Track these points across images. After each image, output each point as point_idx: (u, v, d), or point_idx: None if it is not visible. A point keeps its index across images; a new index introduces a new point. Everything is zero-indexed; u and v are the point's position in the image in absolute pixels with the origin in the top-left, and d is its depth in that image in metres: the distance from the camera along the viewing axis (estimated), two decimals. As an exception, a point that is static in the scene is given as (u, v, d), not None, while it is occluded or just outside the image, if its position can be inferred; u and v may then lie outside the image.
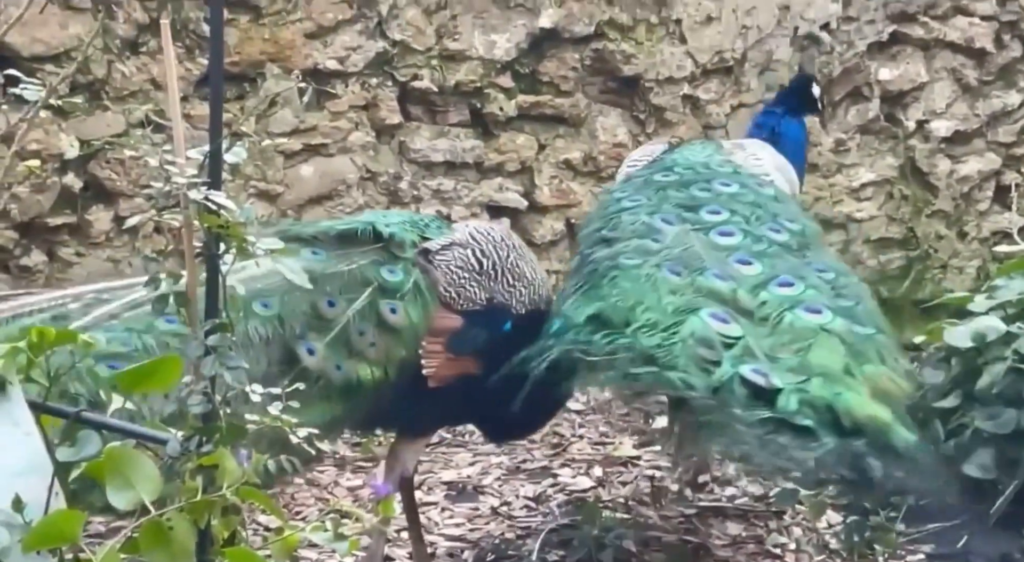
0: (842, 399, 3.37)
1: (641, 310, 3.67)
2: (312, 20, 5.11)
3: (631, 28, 5.52)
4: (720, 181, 4.18)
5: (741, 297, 3.66)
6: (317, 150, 5.18)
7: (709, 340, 3.52)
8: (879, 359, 3.52)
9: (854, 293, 3.72)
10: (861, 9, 5.83)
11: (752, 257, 3.83)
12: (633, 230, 4.02)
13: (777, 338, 3.55)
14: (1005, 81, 6.07)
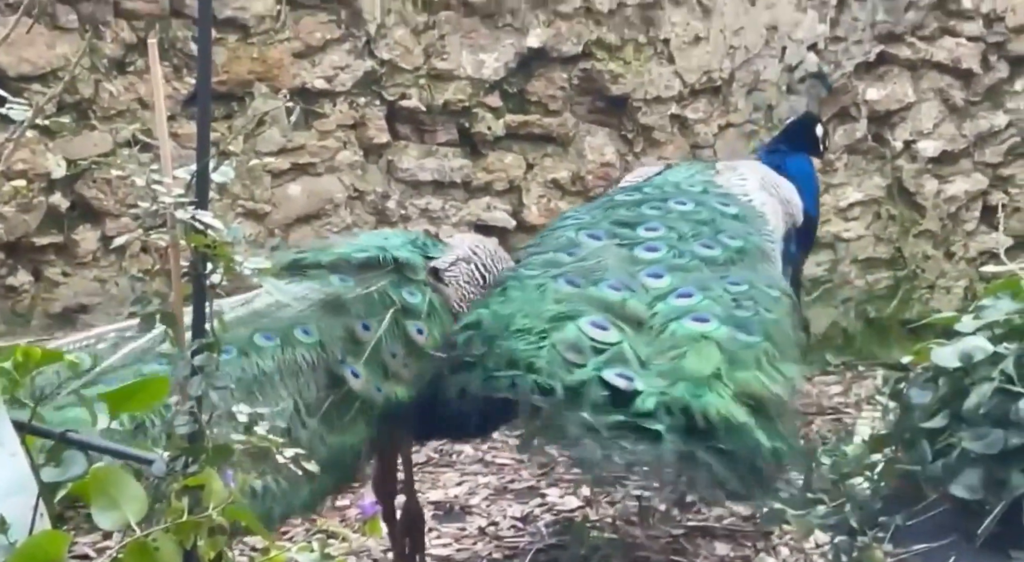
0: (701, 401, 3.48)
1: (520, 317, 3.77)
2: (300, 40, 5.11)
3: (619, 48, 5.53)
4: (677, 200, 4.29)
5: (631, 306, 3.78)
6: (305, 169, 5.17)
7: (578, 345, 3.64)
8: (756, 366, 3.62)
9: (759, 305, 3.82)
10: (849, 29, 5.85)
11: (665, 271, 3.95)
12: (555, 244, 4.15)
13: (658, 345, 3.68)
14: (992, 102, 6.09)
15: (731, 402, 3.53)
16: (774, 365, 3.65)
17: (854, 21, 5.85)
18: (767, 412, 3.56)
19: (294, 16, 5.10)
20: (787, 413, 3.59)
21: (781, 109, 5.76)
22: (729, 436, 3.48)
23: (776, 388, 3.56)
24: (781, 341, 3.74)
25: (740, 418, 3.48)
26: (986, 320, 3.02)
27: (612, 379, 3.56)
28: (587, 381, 3.56)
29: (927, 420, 2.96)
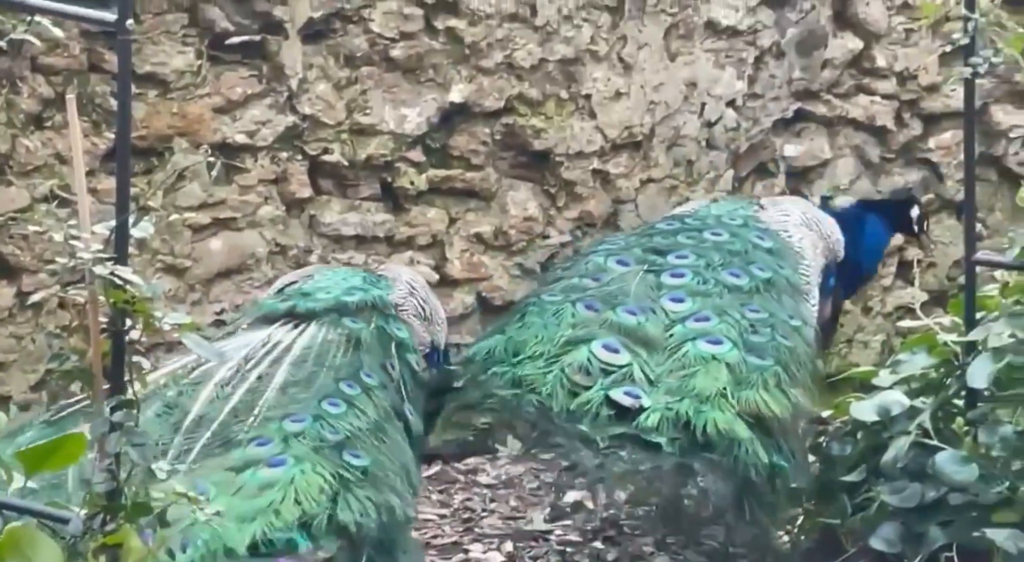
0: (703, 416, 3.66)
1: (533, 342, 3.97)
2: (221, 94, 5.10)
3: (541, 103, 5.57)
4: (714, 231, 4.46)
5: (646, 330, 3.96)
6: (226, 224, 5.15)
7: (587, 367, 3.83)
8: (763, 387, 3.79)
9: (776, 332, 3.99)
10: (766, 87, 5.94)
11: (687, 295, 4.13)
12: (582, 270, 4.36)
13: (670, 365, 3.87)
14: (905, 159, 6.19)
15: (733, 418, 3.71)
16: (782, 388, 3.79)
17: (771, 78, 5.94)
18: (769, 430, 3.71)
19: (215, 71, 5.09)
20: (790, 433, 3.72)
21: (701, 164, 5.82)
22: (728, 450, 3.65)
23: (779, 409, 3.68)
24: (793, 367, 3.89)
25: (741, 434, 3.65)
26: (903, 374, 3.06)
27: (618, 397, 3.75)
28: (592, 400, 3.75)
29: (846, 474, 3.00)
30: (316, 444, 3.63)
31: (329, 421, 3.71)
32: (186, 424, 3.66)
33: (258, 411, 3.69)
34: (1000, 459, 2.81)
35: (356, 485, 3.56)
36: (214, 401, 3.74)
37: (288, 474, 3.53)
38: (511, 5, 5.47)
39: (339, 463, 3.60)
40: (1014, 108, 6.28)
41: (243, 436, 3.64)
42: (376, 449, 3.68)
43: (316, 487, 3.50)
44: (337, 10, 5.23)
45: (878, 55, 6.05)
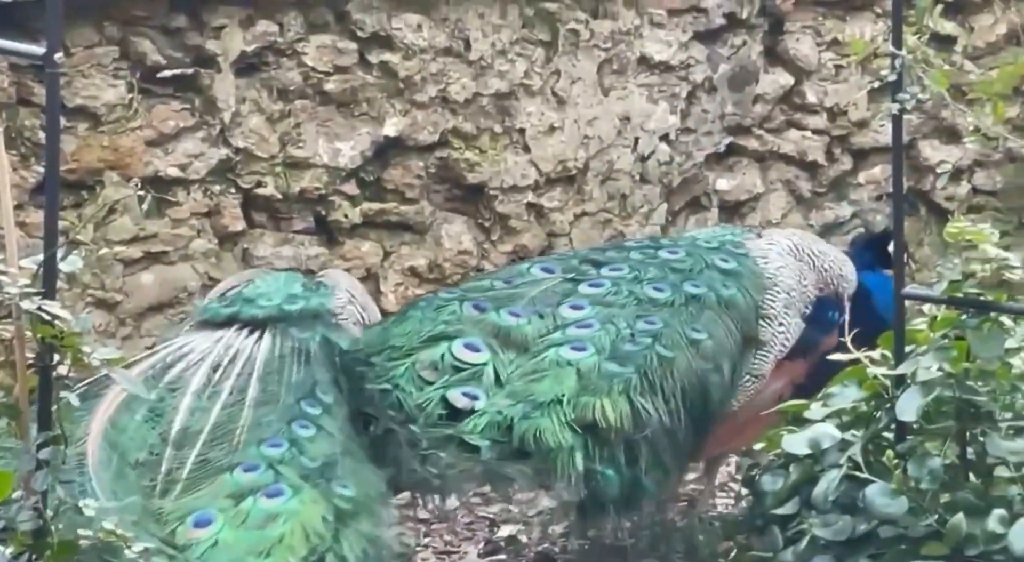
0: (528, 422, 3.75)
1: (400, 336, 4.02)
2: (153, 127, 5.07)
3: (475, 137, 5.58)
4: (671, 249, 4.46)
5: (521, 332, 4.02)
6: (158, 258, 5.11)
7: (436, 363, 3.89)
8: (606, 393, 3.86)
9: (660, 343, 4.03)
10: (699, 121, 5.98)
11: (590, 304, 4.16)
12: (503, 274, 4.44)
13: (527, 368, 3.93)
14: (836, 193, 6.26)
15: (560, 426, 3.76)
16: (629, 396, 3.80)
17: (704, 113, 5.99)
18: (604, 439, 3.76)
19: (146, 104, 5.06)
20: (640, 444, 3.74)
21: (635, 198, 5.85)
22: (547, 458, 3.70)
23: (613, 416, 3.72)
24: (660, 376, 3.91)
25: (562, 442, 3.71)
26: (834, 407, 3.08)
27: (453, 397, 3.80)
28: (429, 398, 3.81)
29: (778, 507, 3.01)
30: (300, 471, 3.57)
31: (303, 445, 3.66)
32: (172, 436, 3.59)
33: (240, 432, 3.63)
34: (929, 492, 2.83)
35: (351, 518, 3.51)
36: (194, 413, 3.67)
37: (290, 505, 3.46)
38: (445, 39, 5.48)
39: (331, 493, 3.54)
40: (941, 143, 6.37)
41: (226, 460, 3.57)
42: (354, 476, 3.63)
43: (319, 519, 3.43)
44: (270, 44, 5.22)
45: (808, 91, 6.12)
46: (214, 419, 3.66)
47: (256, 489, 3.48)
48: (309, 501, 3.47)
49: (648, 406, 3.89)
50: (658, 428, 3.92)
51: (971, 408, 2.92)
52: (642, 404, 3.89)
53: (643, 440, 3.86)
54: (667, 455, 3.95)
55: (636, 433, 3.84)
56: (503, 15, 5.57)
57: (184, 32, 5.11)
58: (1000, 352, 2.93)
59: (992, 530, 2.67)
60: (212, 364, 3.84)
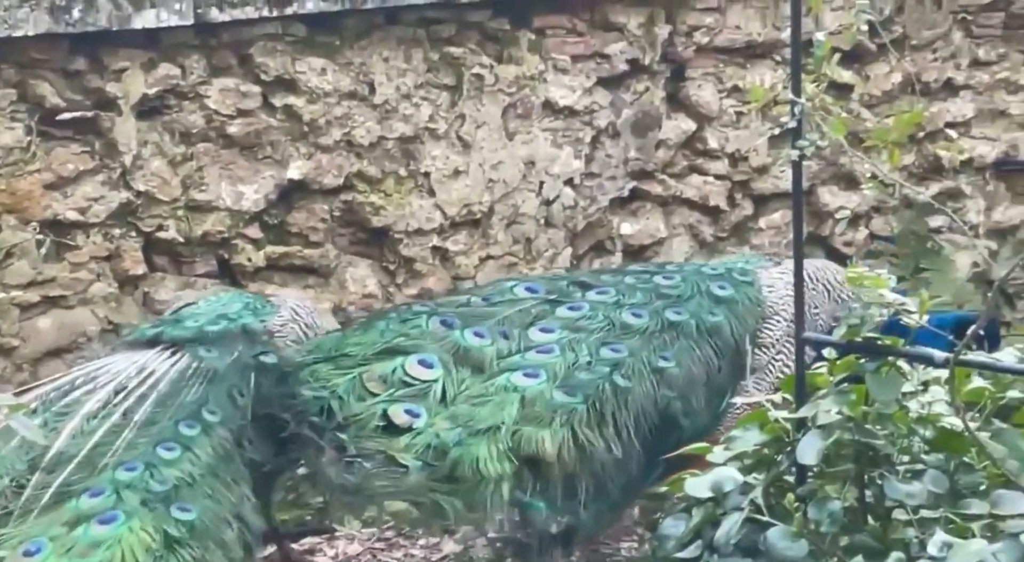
0: (460, 448, 3.73)
1: (355, 345, 4.03)
2: (52, 171, 5.00)
3: (380, 180, 5.58)
4: (666, 275, 4.46)
5: (482, 353, 4.01)
6: (56, 302, 5.03)
7: (385, 377, 3.88)
8: (548, 424, 3.84)
9: (618, 372, 4.02)
10: (603, 166, 6.03)
11: (560, 328, 4.14)
12: (486, 291, 4.44)
13: (474, 391, 3.91)
14: (738, 238, 6.33)
15: (494, 455, 3.73)
16: (576, 427, 3.78)
17: (608, 158, 6.03)
18: (541, 471, 3.74)
19: (45, 147, 5.00)
20: (580, 475, 3.71)
21: (540, 242, 5.87)
22: (475, 487, 3.68)
23: (551, 447, 3.69)
24: (613, 407, 3.89)
25: (494, 472, 3.67)
26: (736, 451, 3.10)
27: (394, 412, 3.79)
28: (371, 410, 3.79)
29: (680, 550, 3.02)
30: (144, 495, 3.57)
31: (160, 469, 3.65)
32: (45, 461, 3.59)
33: (110, 455, 3.65)
34: (828, 535, 2.86)
35: (181, 544, 3.49)
36: (78, 437, 3.69)
37: (117, 532, 3.46)
38: (349, 83, 5.48)
39: (166, 517, 3.52)
40: (839, 190, 6.48)
41: (79, 485, 3.56)
42: (208, 498, 3.63)
43: (143, 547, 3.42)
44: (172, 87, 5.18)
45: (710, 137, 6.19)
46: (94, 442, 3.65)
47: (93, 515, 3.50)
48: (138, 528, 3.47)
49: (594, 438, 3.87)
50: (606, 460, 3.90)
51: (869, 451, 2.95)
52: (587, 436, 3.86)
53: (587, 472, 3.84)
54: (615, 487, 3.94)
55: (579, 466, 3.82)
56: (408, 59, 5.58)
57: (84, 75, 5.06)
58: (897, 396, 2.97)
59: (891, 573, 2.70)
60: (117, 386, 3.86)
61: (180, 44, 5.20)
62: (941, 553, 2.62)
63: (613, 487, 3.97)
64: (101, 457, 3.66)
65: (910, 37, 6.55)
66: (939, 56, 6.64)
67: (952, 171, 6.63)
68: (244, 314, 4.19)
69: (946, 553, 2.62)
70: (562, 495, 3.80)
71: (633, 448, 3.96)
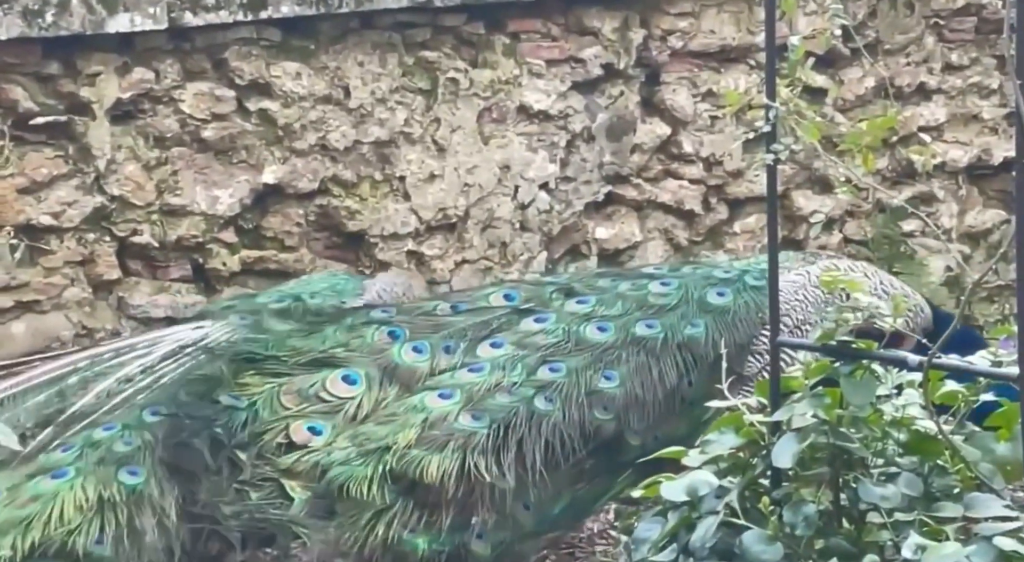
0: (342, 469, 3.70)
1: (293, 346, 4.01)
2: (25, 175, 4.99)
3: (355, 185, 5.57)
4: (665, 281, 4.38)
5: (411, 369, 3.98)
6: (29, 307, 5.01)
7: (302, 391, 3.86)
8: (440, 449, 3.78)
9: (543, 394, 3.96)
10: (578, 170, 6.03)
11: (509, 343, 4.07)
12: (460, 297, 4.42)
13: (388, 410, 3.88)
14: (713, 242, 6.34)
15: (375, 478, 3.67)
16: (468, 453, 3.70)
17: (583, 162, 6.04)
18: (424, 498, 3.64)
19: (18, 152, 4.98)
20: (458, 503, 3.63)
21: (515, 246, 5.88)
22: (350, 508, 3.62)
23: (437, 474, 3.62)
24: (520, 435, 3.81)
25: (370, 497, 3.64)
26: (711, 454, 3.10)
27: (294, 428, 3.75)
28: (272, 426, 3.76)
29: (656, 554, 3.02)
30: (103, 455, 3.61)
31: (132, 432, 3.69)
32: (63, 417, 3.71)
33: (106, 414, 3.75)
34: (803, 538, 2.86)
35: (116, 506, 3.51)
36: (103, 398, 3.81)
37: (57, 487, 3.51)
38: (324, 87, 5.47)
39: (110, 479, 3.55)
40: (814, 194, 6.50)
41: (60, 440, 3.64)
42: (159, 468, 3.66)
43: (76, 505, 3.46)
44: (146, 91, 5.17)
45: (685, 141, 6.20)
46: (112, 405, 3.79)
47: (49, 469, 3.58)
48: (79, 485, 3.52)
49: (488, 465, 3.76)
50: (506, 489, 3.79)
51: (844, 454, 2.96)
52: (480, 463, 3.77)
53: (482, 501, 3.74)
54: (526, 517, 3.84)
55: (471, 494, 3.72)
56: (383, 63, 5.58)
57: (57, 79, 5.05)
58: (872, 399, 2.98)
59: (865, 575, 2.71)
60: (165, 352, 3.99)
61: (154, 48, 5.19)
62: (915, 556, 2.63)
63: (523, 517, 3.88)
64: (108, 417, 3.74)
65: (883, 41, 6.58)
66: (912, 60, 6.67)
67: (925, 175, 6.66)
68: (324, 294, 4.27)
69: (920, 556, 2.63)
70: (449, 525, 3.69)
71: (543, 476, 3.83)
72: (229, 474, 3.71)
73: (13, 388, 3.86)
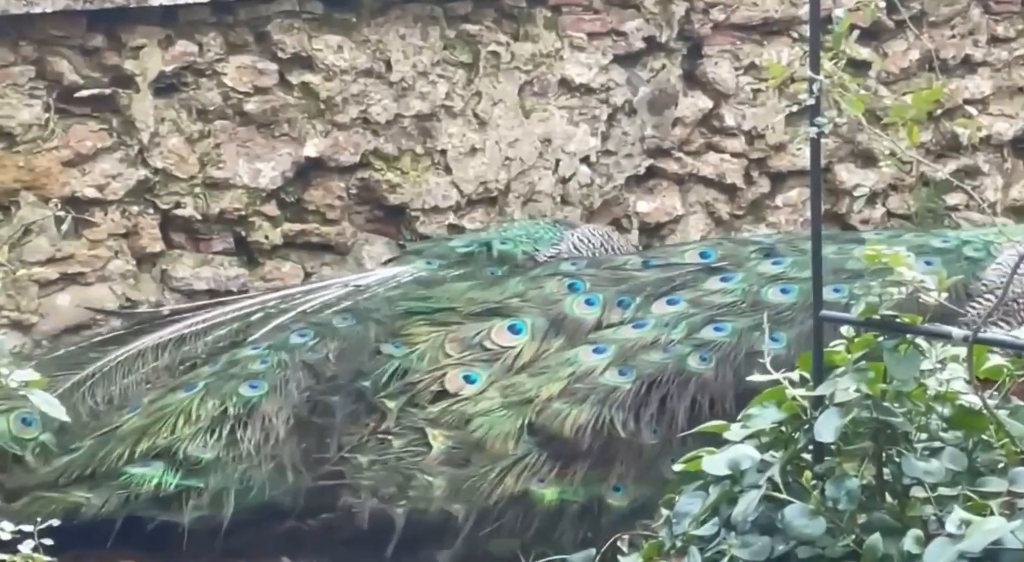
0: (480, 421, 3.84)
1: (468, 298, 4.20)
2: (70, 148, 5.02)
3: (396, 158, 5.58)
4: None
5: (582, 322, 4.07)
6: (74, 279, 5.05)
7: (469, 341, 4.05)
8: (580, 402, 3.89)
9: (692, 354, 4.05)
10: (619, 144, 6.02)
11: (686, 301, 4.12)
12: (654, 252, 4.61)
13: (548, 361, 4.02)
14: (754, 215, 6.32)
15: (506, 433, 3.84)
16: (608, 406, 3.83)
17: (624, 136, 6.02)
18: (556, 448, 3.80)
19: (63, 124, 5.01)
20: (586, 456, 3.76)
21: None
22: (484, 461, 3.83)
23: (570, 427, 3.72)
24: (665, 392, 3.90)
25: (501, 447, 3.78)
26: (753, 429, 3.09)
27: (449, 376, 3.89)
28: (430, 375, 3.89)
29: (698, 527, 3.02)
30: (236, 371, 4.03)
31: (275, 351, 4.06)
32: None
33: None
34: (846, 513, 2.85)
35: (228, 418, 3.87)
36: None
37: (183, 400, 4.01)
38: (366, 61, 5.48)
39: (233, 393, 3.96)
40: (857, 167, 6.46)
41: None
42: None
43: (191, 415, 3.93)
44: (190, 64, 5.19)
45: (727, 114, 6.17)
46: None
47: (186, 384, 4.12)
48: (198, 398, 4.03)
49: (625, 420, 3.85)
50: (644, 446, 3.87)
51: (887, 429, 2.94)
52: (616, 418, 3.86)
53: (621, 456, 3.78)
54: (668, 472, 3.91)
55: (604, 447, 3.80)
56: (424, 37, 5.58)
57: (102, 52, 5.07)
58: (916, 373, 2.96)
59: (908, 550, 2.69)
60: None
61: (197, 21, 5.20)
62: (959, 530, 2.62)
63: (669, 473, 3.91)
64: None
65: (928, 14, 6.52)
66: (957, 33, 6.61)
67: (970, 148, 6.61)
68: (518, 241, 4.43)
69: (964, 530, 2.61)
70: (583, 478, 3.72)
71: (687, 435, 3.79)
72: (374, 423, 3.81)
73: (199, 324, 4.29)
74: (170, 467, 3.84)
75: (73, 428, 3.99)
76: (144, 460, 3.87)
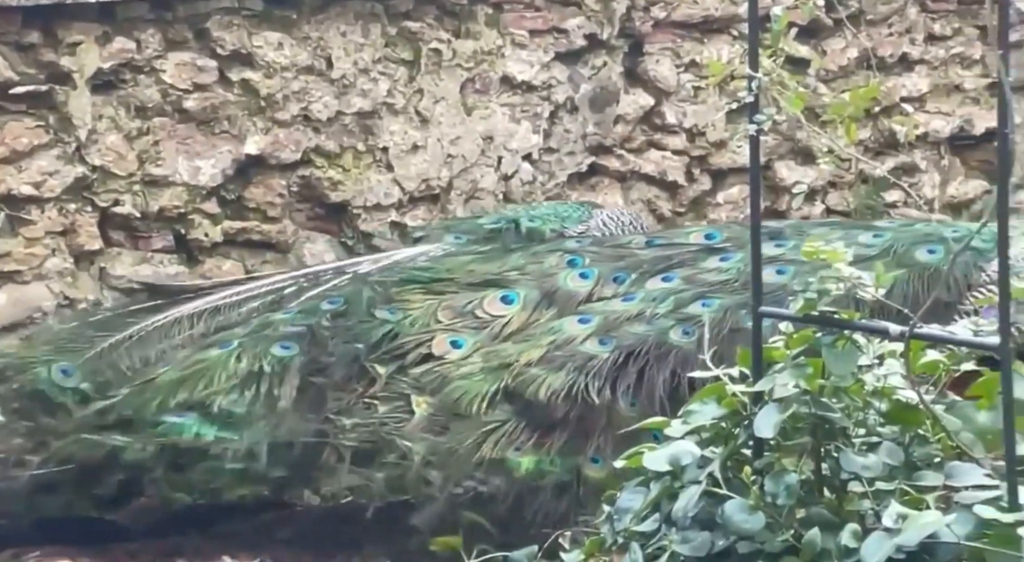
0: (458, 384, 3.91)
1: (467, 270, 4.28)
2: (5, 145, 4.97)
3: (338, 156, 5.56)
4: (876, 233, 4.28)
5: (572, 295, 4.12)
6: (11, 277, 5.00)
7: (461, 309, 4.08)
8: (558, 369, 3.92)
9: (675, 327, 4.09)
10: (561, 141, 6.03)
11: (680, 279, 4.17)
12: (659, 233, 4.62)
13: (534, 330, 4.07)
14: (696, 212, 6.35)
15: (482, 395, 3.89)
16: (584, 374, 3.87)
17: (566, 133, 6.03)
18: (534, 415, 3.84)
19: (-1, 121, 4.96)
20: (562, 424, 3.78)
21: (498, 217, 5.88)
22: (462, 427, 3.88)
23: (547, 392, 3.80)
24: (643, 364, 3.92)
25: (477, 411, 3.87)
26: (694, 425, 3.10)
27: (436, 341, 3.94)
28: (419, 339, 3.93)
29: (639, 523, 3.03)
30: (269, 332, 4.11)
31: (307, 315, 4.17)
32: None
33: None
34: (785, 507, 2.87)
35: (261, 376, 3.94)
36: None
37: (218, 356, 4.11)
38: (307, 57, 5.45)
39: (266, 352, 4.05)
40: (796, 164, 6.51)
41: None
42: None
43: (226, 371, 4.06)
44: (128, 61, 5.15)
45: (668, 112, 6.20)
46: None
47: (221, 342, 4.24)
48: (234, 355, 4.15)
49: (600, 389, 3.87)
50: (626, 414, 3.90)
51: (826, 424, 2.96)
52: (591, 386, 3.87)
53: (595, 425, 3.81)
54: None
55: (580, 417, 3.82)
56: (365, 34, 5.56)
57: (38, 48, 5.02)
58: (853, 369, 2.98)
59: (845, 544, 2.71)
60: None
61: (135, 18, 5.16)
62: (896, 524, 2.64)
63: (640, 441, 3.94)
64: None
65: (866, 12, 6.57)
66: (894, 31, 6.67)
67: (907, 146, 6.67)
68: (545, 218, 4.49)
69: (900, 524, 2.64)
70: (560, 448, 3.73)
71: (667, 407, 3.81)
72: (363, 387, 3.85)
73: (232, 296, 4.40)
74: (205, 419, 3.89)
75: (113, 379, 4.18)
76: (179, 411, 3.97)
